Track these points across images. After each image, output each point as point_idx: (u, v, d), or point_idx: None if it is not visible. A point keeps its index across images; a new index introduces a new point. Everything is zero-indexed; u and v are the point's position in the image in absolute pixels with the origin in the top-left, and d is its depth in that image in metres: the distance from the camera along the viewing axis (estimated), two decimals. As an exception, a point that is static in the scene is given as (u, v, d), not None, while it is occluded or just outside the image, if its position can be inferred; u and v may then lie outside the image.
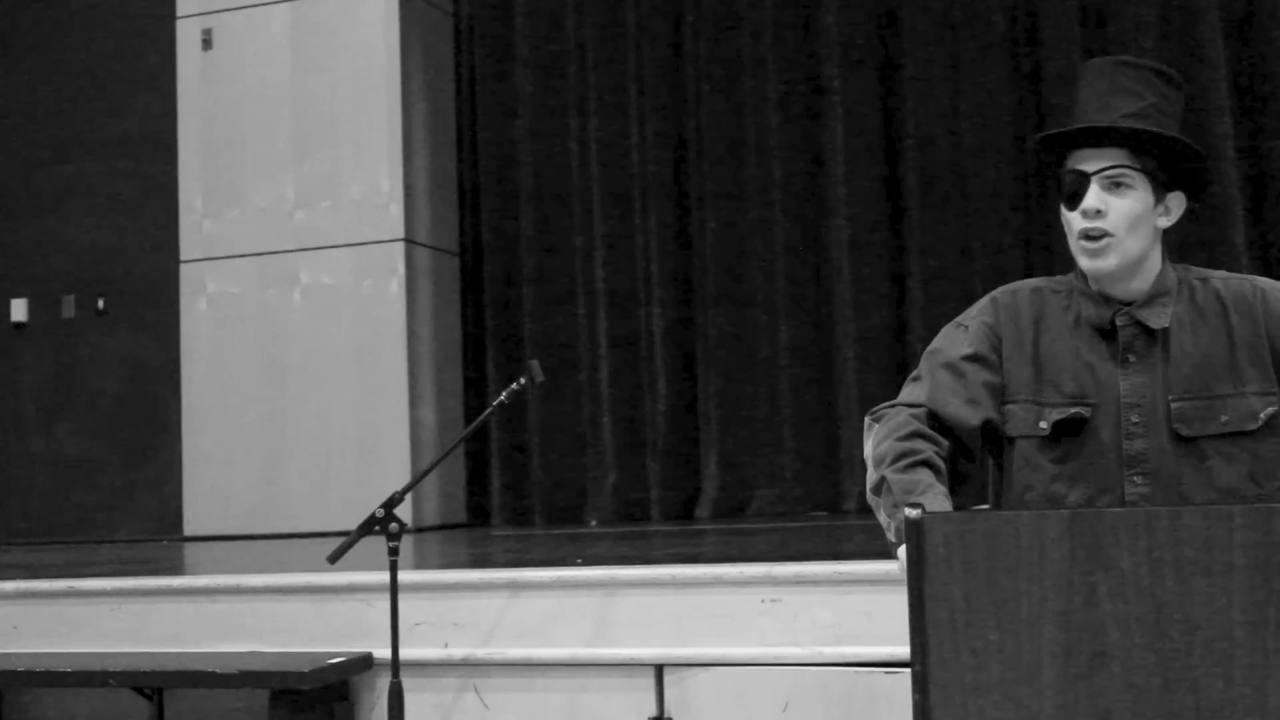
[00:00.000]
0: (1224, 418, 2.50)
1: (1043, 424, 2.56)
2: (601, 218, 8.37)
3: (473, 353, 8.61)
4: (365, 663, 4.46)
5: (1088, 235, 2.52)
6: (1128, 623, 1.87)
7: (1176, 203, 2.59)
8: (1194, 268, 2.66)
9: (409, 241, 7.98)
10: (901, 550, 2.26)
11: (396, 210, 7.95)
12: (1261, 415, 2.51)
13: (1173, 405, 2.52)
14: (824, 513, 7.80)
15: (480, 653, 4.42)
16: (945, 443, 2.57)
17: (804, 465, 7.93)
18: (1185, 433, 2.50)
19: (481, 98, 8.71)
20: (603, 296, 8.32)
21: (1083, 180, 2.53)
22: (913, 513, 1.97)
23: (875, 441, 2.59)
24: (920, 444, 2.52)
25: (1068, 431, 2.55)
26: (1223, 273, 2.67)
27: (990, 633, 1.92)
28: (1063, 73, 7.58)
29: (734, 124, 8.22)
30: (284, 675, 4.28)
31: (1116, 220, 2.51)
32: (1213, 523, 1.87)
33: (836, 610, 4.09)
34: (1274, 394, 2.52)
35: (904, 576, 2.02)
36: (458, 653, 4.44)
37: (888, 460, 2.51)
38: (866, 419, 2.69)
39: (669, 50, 8.40)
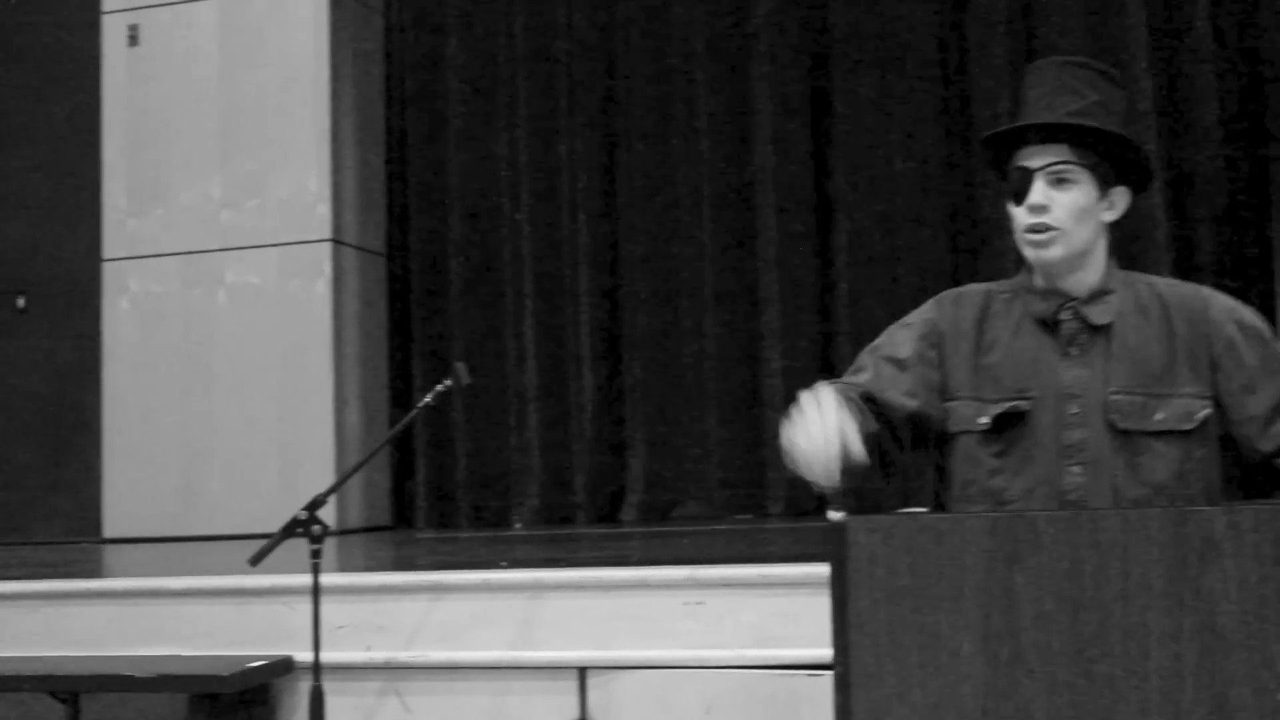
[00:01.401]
0: (1160, 415, 2.54)
1: (982, 419, 2.60)
2: (529, 220, 8.36)
3: (399, 354, 8.56)
4: (286, 666, 4.42)
5: (1032, 229, 2.59)
6: (1046, 624, 1.89)
7: (1121, 197, 2.65)
8: (1137, 273, 2.73)
9: (336, 242, 7.92)
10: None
11: (324, 210, 7.89)
12: (1197, 416, 2.55)
13: (1111, 398, 2.55)
14: (749, 516, 7.82)
15: (403, 656, 4.40)
16: (875, 423, 2.59)
17: (729, 469, 7.95)
18: (1121, 425, 2.54)
19: (411, 98, 8.67)
20: (530, 299, 8.31)
21: (1027, 176, 2.59)
22: (835, 516, 1.98)
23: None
24: (852, 393, 2.58)
25: (1008, 424, 2.59)
26: (1168, 279, 2.74)
27: (911, 633, 1.93)
28: (993, 82, 7.67)
29: (663, 125, 8.23)
30: (203, 679, 4.23)
31: (1060, 214, 2.57)
32: (1130, 526, 1.89)
33: (760, 613, 4.10)
34: (1208, 398, 2.56)
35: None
36: (380, 656, 4.41)
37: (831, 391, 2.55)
38: (800, 394, 2.70)
39: (600, 51, 8.40)
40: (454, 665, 4.36)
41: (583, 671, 4.24)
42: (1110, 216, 2.65)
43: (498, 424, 8.32)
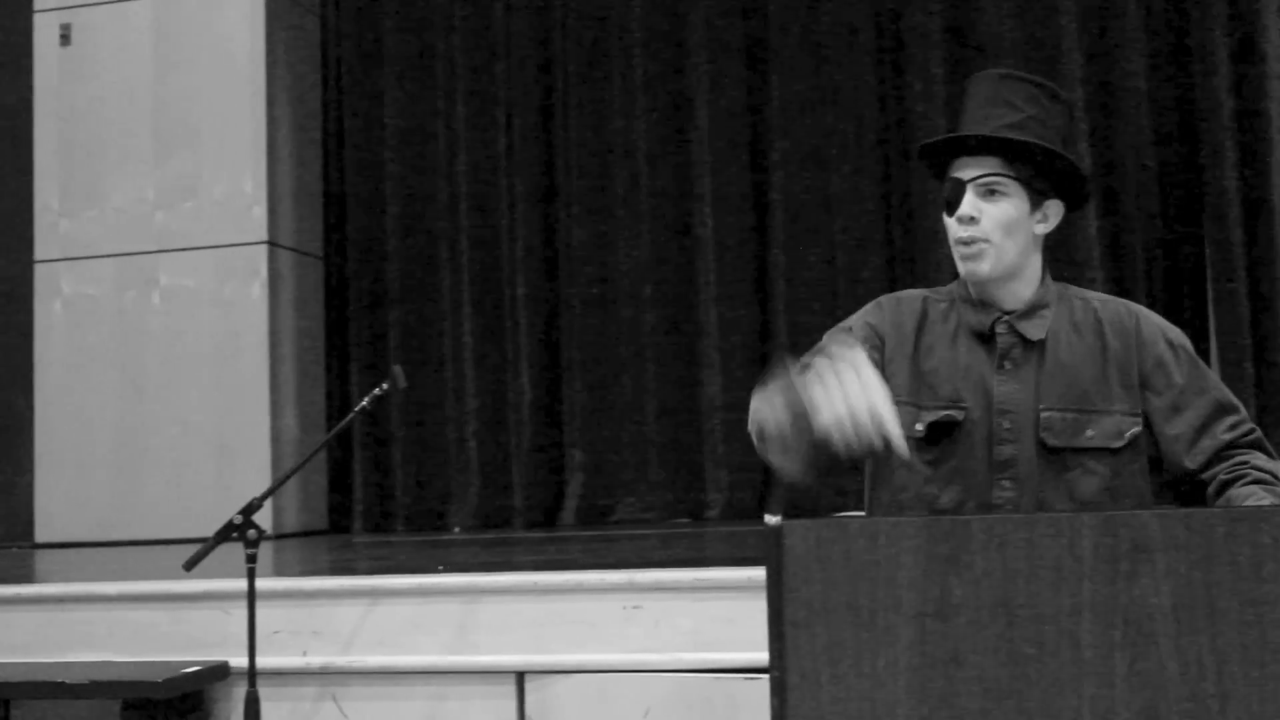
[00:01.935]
0: (1090, 432, 2.56)
1: (918, 425, 2.60)
2: (467, 221, 8.34)
3: (336, 358, 8.51)
4: (221, 672, 4.39)
5: (962, 241, 2.60)
6: (981, 627, 1.90)
7: (1055, 210, 2.66)
8: (1073, 286, 2.75)
9: (272, 244, 7.86)
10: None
11: (260, 212, 7.83)
12: (1126, 434, 2.57)
13: (1042, 414, 2.57)
14: (687, 520, 7.84)
15: (339, 661, 4.37)
16: None
17: (668, 472, 7.97)
18: (1051, 442, 2.56)
19: (348, 99, 8.63)
20: (468, 302, 8.29)
21: (959, 187, 2.60)
22: (772, 520, 1.98)
23: (768, 384, 2.55)
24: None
25: (942, 433, 2.60)
26: (1101, 294, 2.75)
27: (847, 637, 1.94)
28: (926, 88, 7.73)
29: (602, 127, 8.24)
30: (137, 685, 4.19)
31: (990, 226, 2.58)
32: (1064, 529, 1.90)
33: (697, 617, 4.11)
34: (1138, 415, 2.59)
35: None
36: (316, 661, 4.39)
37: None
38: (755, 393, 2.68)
39: (538, 53, 8.40)
40: (391, 670, 4.34)
41: (520, 676, 4.23)
42: (1043, 229, 2.65)
43: (435, 428, 8.30)
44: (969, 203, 2.59)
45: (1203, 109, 7.37)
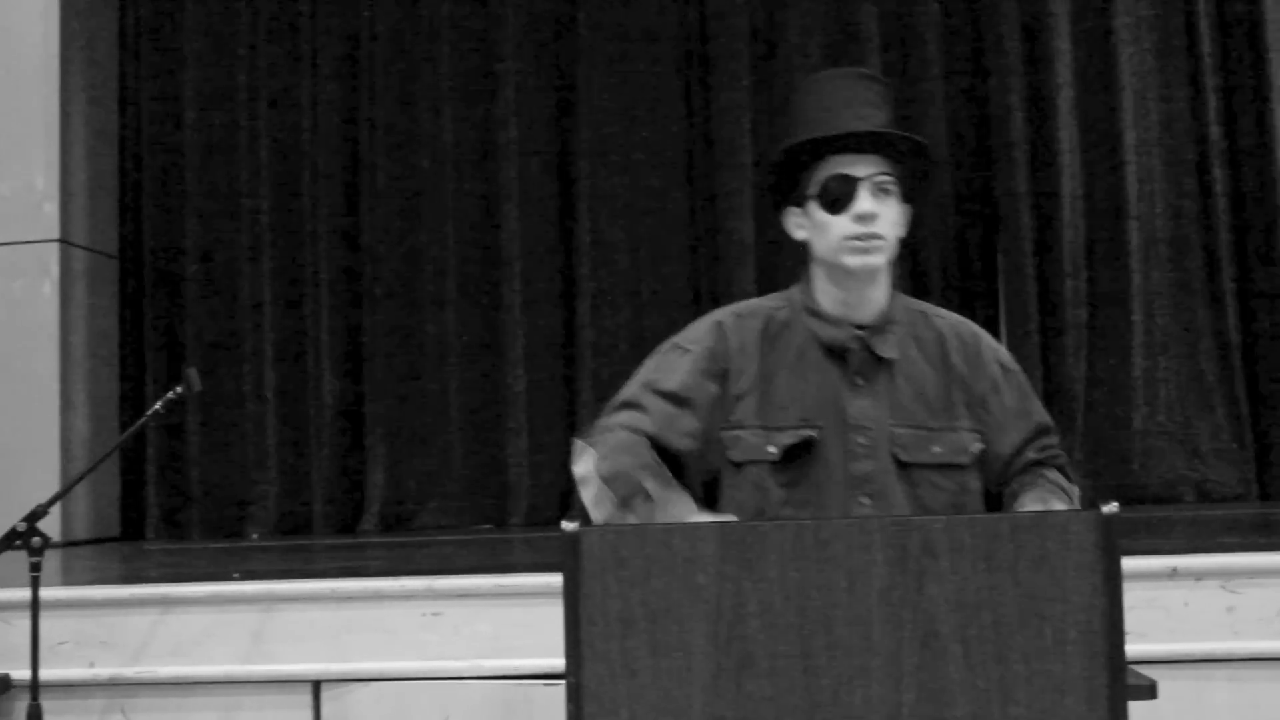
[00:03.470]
0: (936, 449, 2.57)
1: (771, 448, 2.57)
2: (269, 221, 8.20)
3: (130, 360, 8.29)
4: (2, 685, 4.24)
5: (858, 237, 2.55)
6: (774, 632, 1.92)
7: (906, 214, 2.66)
8: (912, 299, 2.74)
9: (64, 243, 7.62)
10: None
11: (51, 209, 7.58)
12: (971, 450, 2.60)
13: (894, 430, 2.57)
14: (490, 526, 7.81)
15: (129, 672, 4.27)
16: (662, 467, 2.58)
17: (471, 478, 7.93)
18: (903, 458, 2.56)
19: (146, 96, 8.41)
20: (268, 304, 8.15)
21: (851, 185, 2.55)
22: (569, 526, 1.98)
23: (600, 458, 2.58)
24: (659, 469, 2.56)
25: (797, 454, 2.57)
26: (937, 309, 2.76)
27: (644, 643, 1.95)
28: (731, 95, 7.85)
29: (408, 123, 8.19)
30: (-89, 699, 4.04)
31: (885, 225, 2.56)
32: (855, 534, 1.94)
33: (497, 623, 4.11)
34: (979, 432, 2.62)
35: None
36: (104, 672, 4.27)
37: (639, 470, 2.53)
38: (577, 442, 2.66)
39: (343, 49, 8.30)
40: (183, 680, 4.25)
41: (317, 685, 4.18)
42: (900, 233, 2.64)
43: (233, 431, 8.13)
44: (869, 200, 2.55)
45: (995, 103, 7.67)
